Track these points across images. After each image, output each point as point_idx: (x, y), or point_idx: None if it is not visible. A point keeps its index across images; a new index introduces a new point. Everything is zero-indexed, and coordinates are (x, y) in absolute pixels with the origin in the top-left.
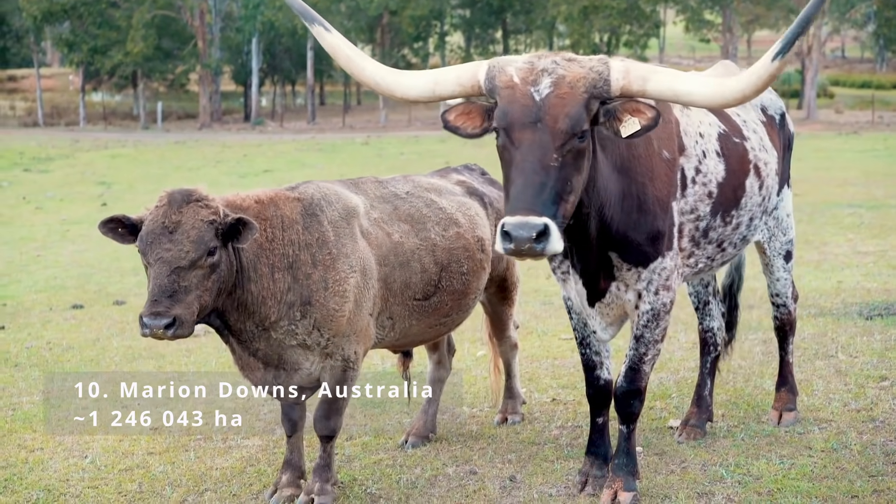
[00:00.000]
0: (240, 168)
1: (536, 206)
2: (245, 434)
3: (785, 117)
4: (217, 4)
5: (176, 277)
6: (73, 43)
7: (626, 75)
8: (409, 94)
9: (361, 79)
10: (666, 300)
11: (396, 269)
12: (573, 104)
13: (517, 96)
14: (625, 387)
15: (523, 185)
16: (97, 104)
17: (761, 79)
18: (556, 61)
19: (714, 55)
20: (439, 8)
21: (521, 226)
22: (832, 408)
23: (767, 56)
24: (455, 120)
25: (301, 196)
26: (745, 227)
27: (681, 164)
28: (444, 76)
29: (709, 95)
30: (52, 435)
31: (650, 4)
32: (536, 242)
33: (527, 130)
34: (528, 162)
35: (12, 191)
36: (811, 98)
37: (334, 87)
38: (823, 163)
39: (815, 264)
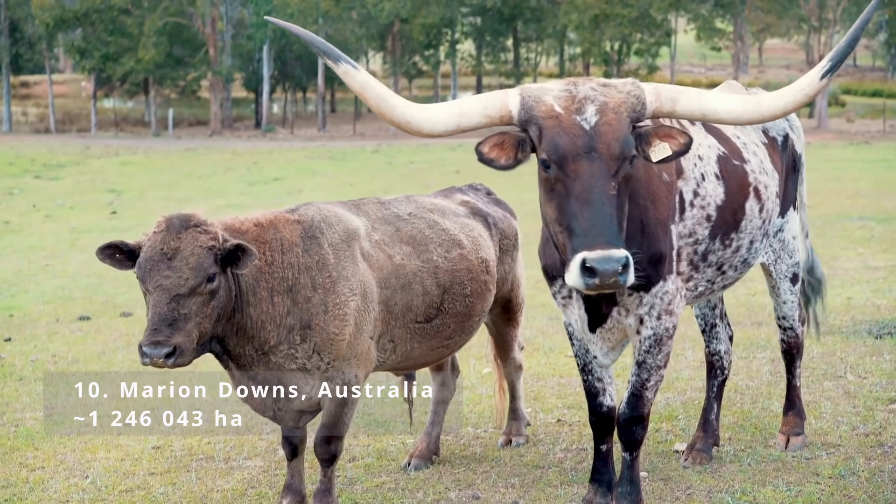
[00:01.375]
0: (250, 176)
1: (614, 238)
2: (247, 454)
3: (788, 139)
4: (229, 12)
5: (175, 305)
6: (85, 50)
7: (657, 97)
8: (436, 130)
9: (391, 118)
10: (668, 325)
11: (398, 291)
12: (622, 129)
13: (565, 126)
14: (627, 413)
15: (594, 216)
16: (108, 110)
17: (807, 95)
18: (593, 87)
19: (725, 63)
20: (450, 16)
21: (605, 260)
22: (840, 431)
23: (815, 73)
24: (489, 152)
25: (301, 218)
26: (745, 250)
27: (679, 187)
28: (469, 107)
29: (740, 112)
30: (53, 453)
31: (661, 13)
32: (621, 275)
33: (582, 161)
34: (594, 193)
35: (23, 198)
36: (822, 107)
37: (345, 94)
38: (834, 173)
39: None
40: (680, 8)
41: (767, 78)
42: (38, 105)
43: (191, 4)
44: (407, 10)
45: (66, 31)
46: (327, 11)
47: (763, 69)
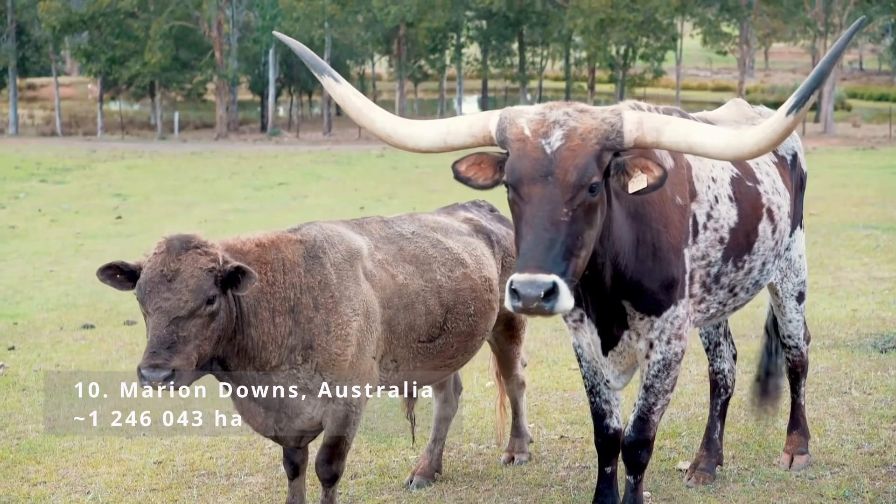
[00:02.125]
0: (255, 180)
1: (546, 264)
2: (249, 470)
3: (797, 157)
4: (235, 15)
5: (175, 328)
6: (92, 53)
7: (639, 126)
8: (421, 145)
9: (372, 130)
10: (678, 349)
11: (400, 311)
12: (584, 156)
13: (528, 149)
14: (633, 437)
15: (533, 241)
16: (115, 113)
17: (777, 133)
18: (567, 112)
19: (731, 67)
20: (456, 20)
21: (528, 284)
22: (845, 450)
23: (782, 111)
24: (466, 171)
25: (303, 238)
26: (757, 271)
27: (692, 209)
28: (455, 126)
29: (722, 148)
30: (55, 468)
31: (667, 17)
32: (545, 301)
33: (537, 185)
34: (538, 217)
35: (29, 202)
36: (828, 112)
37: None
38: (840, 179)
39: (830, 290)
40: (686, 12)
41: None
42: (44, 108)
43: (197, 8)
44: (412, 14)
45: (72, 35)
46: (333, 15)
47: (769, 73)
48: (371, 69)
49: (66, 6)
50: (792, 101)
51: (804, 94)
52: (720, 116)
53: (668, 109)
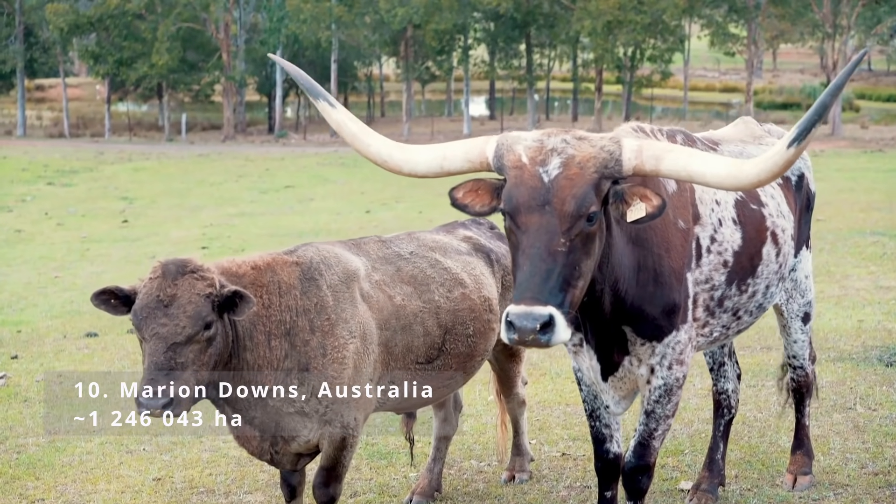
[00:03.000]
0: (261, 183)
1: (542, 295)
2: (248, 488)
3: (803, 178)
4: (242, 17)
5: (172, 354)
6: (99, 55)
7: (638, 154)
8: (417, 171)
9: (367, 155)
10: (679, 375)
11: (398, 332)
12: (581, 185)
13: (525, 177)
14: (633, 462)
15: (529, 272)
16: (123, 114)
17: (778, 165)
18: (566, 140)
19: (739, 68)
20: (463, 22)
21: (525, 316)
22: (849, 470)
23: (783, 143)
24: (463, 198)
25: (299, 260)
26: (761, 295)
27: (696, 233)
28: (452, 152)
29: (723, 178)
30: (54, 483)
31: (674, 19)
32: (541, 334)
33: (534, 214)
34: (535, 248)
35: (35, 205)
36: (836, 114)
37: (358, 99)
38: (847, 183)
39: (836, 300)
40: (693, 14)
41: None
42: (52, 109)
43: (204, 10)
44: (420, 16)
45: (80, 36)
46: (340, 17)
47: (777, 73)
48: (379, 70)
49: (74, 8)
50: (794, 133)
51: (806, 127)
52: (727, 136)
53: (672, 131)
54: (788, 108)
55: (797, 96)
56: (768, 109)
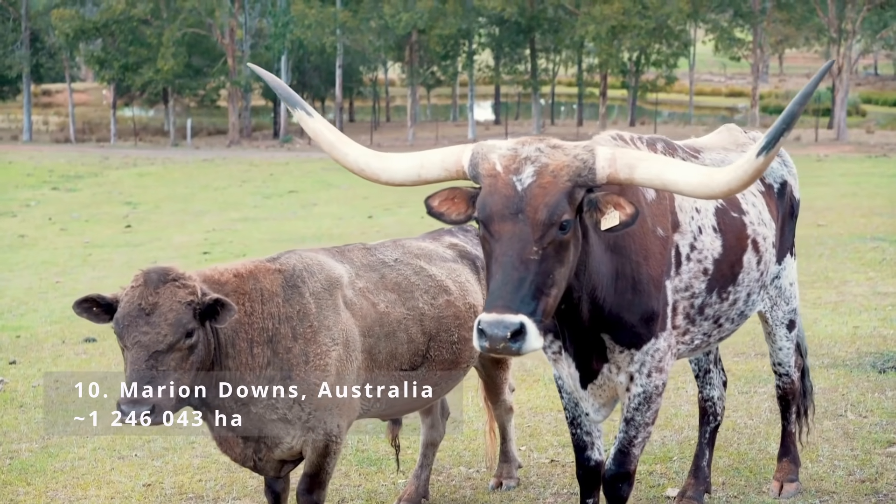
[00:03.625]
0: (265, 188)
1: (513, 303)
2: (237, 494)
3: (786, 186)
4: (247, 22)
5: (154, 362)
6: (105, 60)
7: (612, 163)
8: (395, 179)
9: (345, 164)
10: (658, 382)
11: (382, 339)
12: (554, 194)
13: (499, 186)
14: (614, 470)
15: (502, 280)
16: (129, 119)
17: (747, 174)
18: (539, 148)
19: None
20: (467, 27)
21: (496, 324)
22: (836, 477)
23: (753, 151)
24: (439, 206)
25: (282, 267)
26: (742, 302)
27: (675, 241)
28: (429, 160)
29: (695, 186)
30: (45, 489)
31: (679, 24)
32: (512, 342)
33: (507, 222)
34: (507, 256)
35: (40, 210)
36: (841, 118)
37: (364, 104)
38: (851, 188)
39: (833, 306)
40: (698, 19)
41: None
42: (59, 114)
43: (210, 15)
44: (424, 21)
45: (86, 42)
46: (345, 22)
47: (784, 78)
48: (384, 75)
49: (80, 14)
50: (762, 142)
51: (774, 136)
52: (709, 144)
53: (652, 139)
54: None
55: None
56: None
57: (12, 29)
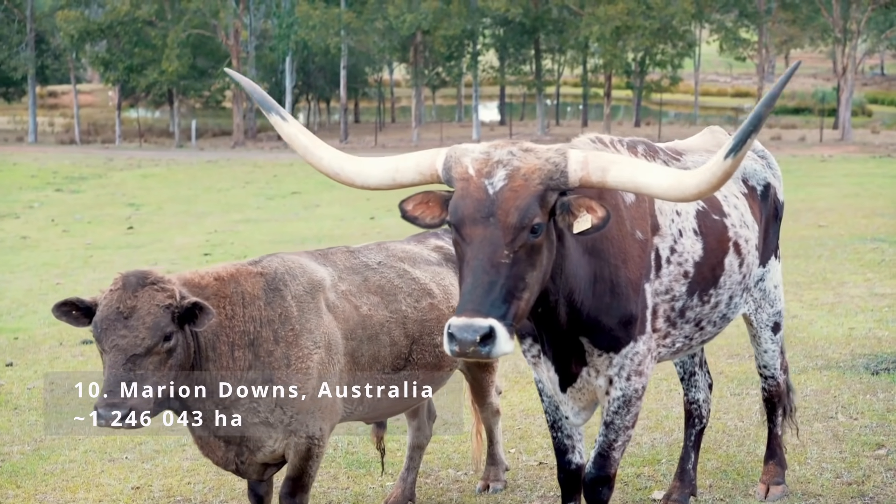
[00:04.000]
0: (269, 189)
1: (483, 307)
2: (224, 497)
3: (769, 187)
4: (252, 23)
5: (132, 365)
6: (110, 62)
7: (584, 166)
8: (369, 183)
9: (319, 168)
10: (638, 386)
11: (364, 342)
12: (526, 197)
13: (471, 189)
14: (594, 473)
15: (472, 283)
16: (134, 121)
17: (716, 176)
18: (512, 152)
19: (751, 72)
20: (472, 28)
21: (465, 328)
22: (823, 480)
23: (721, 154)
24: (413, 210)
25: (264, 271)
26: (724, 305)
27: (655, 244)
28: (404, 164)
29: (666, 189)
30: (34, 492)
31: (684, 24)
32: (482, 346)
33: (478, 226)
34: (478, 259)
35: (43, 212)
36: (846, 119)
37: (370, 104)
38: (853, 189)
39: (830, 307)
40: (703, 19)
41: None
42: (65, 115)
43: (214, 16)
44: (428, 22)
45: (91, 43)
46: (349, 23)
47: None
48: (389, 76)
49: (84, 15)
50: (730, 144)
51: (741, 139)
52: (692, 146)
53: (633, 142)
54: (800, 113)
55: (809, 101)
56: (780, 114)
57: (17, 30)
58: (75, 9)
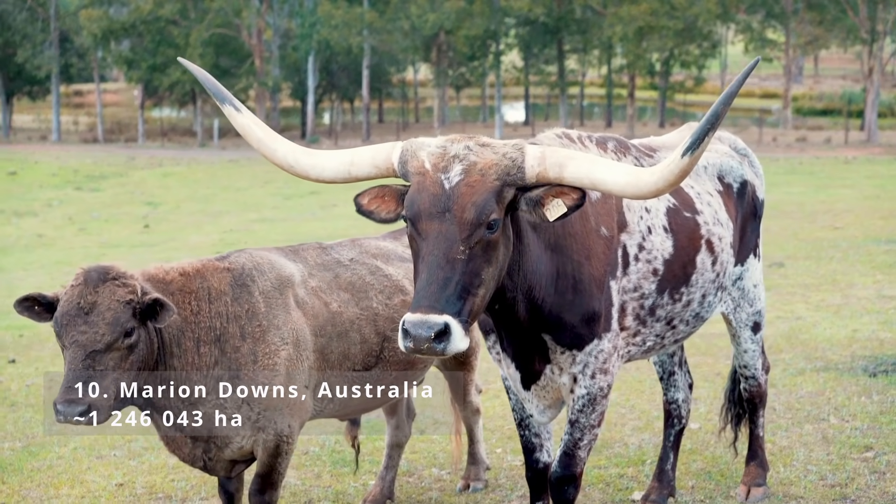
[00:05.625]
0: (286, 189)
1: (438, 304)
2: (205, 494)
3: (746, 185)
4: (275, 22)
5: (91, 362)
6: (133, 60)
7: (541, 162)
8: (324, 176)
9: (273, 160)
10: (603, 384)
11: (334, 339)
12: (482, 193)
13: (427, 184)
14: (559, 472)
15: (427, 279)
16: (158, 120)
17: (673, 174)
18: (469, 147)
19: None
20: (495, 28)
21: (419, 324)
22: (806, 482)
23: (678, 151)
24: (368, 204)
25: (231, 266)
26: (697, 304)
27: (622, 240)
28: (360, 157)
29: (623, 186)
30: (19, 487)
31: (708, 24)
32: (436, 342)
33: (434, 221)
34: (433, 255)
35: (61, 210)
36: (872, 120)
37: (394, 104)
38: (874, 191)
39: (835, 309)
40: (728, 20)
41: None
42: (89, 114)
43: (237, 15)
44: (451, 22)
45: (114, 42)
46: (372, 23)
47: (818, 79)
48: (413, 76)
49: (108, 14)
50: (687, 142)
51: (699, 136)
52: (668, 142)
53: (603, 138)
54: (828, 115)
55: (837, 102)
56: (808, 116)
57: (41, 29)
58: (99, 7)
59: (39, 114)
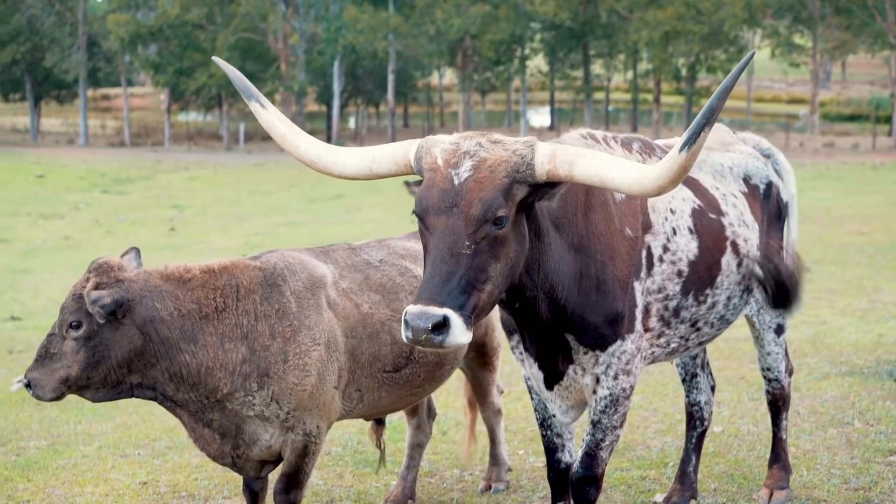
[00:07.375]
0: (312, 193)
1: (439, 297)
2: (228, 493)
3: (772, 186)
4: (301, 27)
5: (47, 343)
6: (160, 65)
7: (551, 159)
8: (346, 172)
9: (297, 156)
10: (626, 385)
11: (365, 340)
12: (490, 189)
13: (437, 180)
14: (581, 473)
15: (431, 273)
16: (184, 124)
17: (673, 170)
18: (480, 143)
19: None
20: (520, 32)
21: (418, 316)
22: (830, 485)
23: (676, 148)
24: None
25: (263, 265)
26: (722, 306)
27: (647, 241)
28: (381, 154)
29: (630, 184)
30: (44, 485)
31: (735, 29)
32: (435, 334)
33: (442, 216)
34: (439, 249)
35: (88, 213)
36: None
37: (419, 109)
38: None
39: (861, 314)
40: (755, 24)
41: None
42: (117, 118)
43: (263, 20)
44: (476, 27)
45: (142, 46)
46: (397, 27)
47: (846, 84)
48: (438, 80)
49: (135, 18)
50: (684, 137)
51: (695, 132)
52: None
53: (628, 139)
54: (856, 120)
55: (865, 108)
56: (835, 121)
57: (69, 33)
58: (126, 12)
59: (67, 118)
